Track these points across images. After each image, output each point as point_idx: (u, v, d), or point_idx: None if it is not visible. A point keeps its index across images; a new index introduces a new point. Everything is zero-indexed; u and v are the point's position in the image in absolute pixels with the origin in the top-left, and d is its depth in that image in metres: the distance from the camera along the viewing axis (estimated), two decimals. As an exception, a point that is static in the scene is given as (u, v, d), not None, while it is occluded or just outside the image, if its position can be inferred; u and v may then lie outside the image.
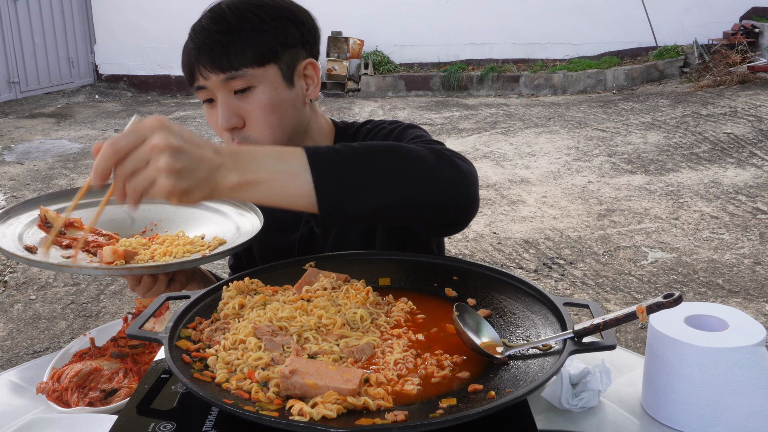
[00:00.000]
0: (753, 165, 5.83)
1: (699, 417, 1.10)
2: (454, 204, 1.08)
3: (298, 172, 0.95)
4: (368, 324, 1.07)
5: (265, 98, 1.32)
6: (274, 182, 0.95)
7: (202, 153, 0.91)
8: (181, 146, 0.89)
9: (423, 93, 9.72)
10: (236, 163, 0.93)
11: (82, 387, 1.23)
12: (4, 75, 9.56)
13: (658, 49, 9.53)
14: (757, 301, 3.66)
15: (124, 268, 1.26)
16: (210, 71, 1.30)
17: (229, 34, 1.29)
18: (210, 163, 0.92)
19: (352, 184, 0.97)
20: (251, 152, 0.96)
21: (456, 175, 1.06)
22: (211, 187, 0.93)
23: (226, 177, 0.93)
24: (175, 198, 0.90)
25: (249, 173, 0.94)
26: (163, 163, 0.88)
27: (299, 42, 1.37)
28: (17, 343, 3.63)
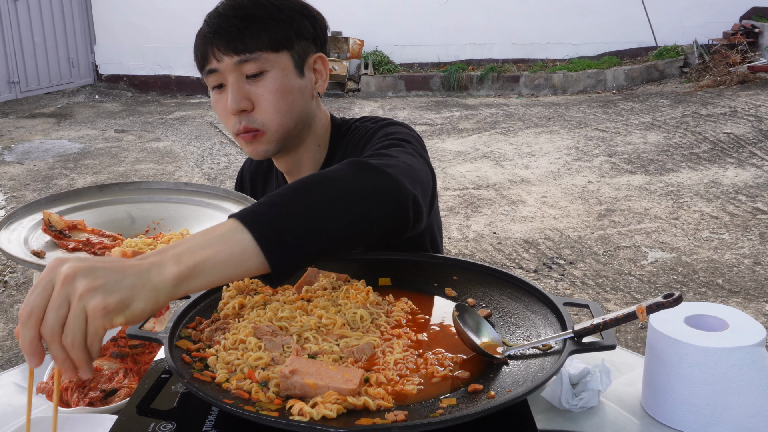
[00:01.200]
0: (753, 165, 5.83)
1: (699, 417, 1.10)
2: (391, 208, 1.03)
3: (235, 237, 0.88)
4: (368, 324, 1.07)
5: (277, 83, 1.35)
6: (216, 256, 0.86)
7: (121, 263, 0.82)
8: (93, 265, 0.80)
9: (423, 93, 9.72)
10: (166, 257, 0.85)
11: (82, 387, 1.23)
12: (4, 75, 9.56)
13: (658, 49, 9.53)
14: (757, 301, 3.66)
15: None
16: (224, 53, 1.33)
17: (246, 20, 1.33)
18: (135, 269, 0.82)
19: (291, 225, 0.92)
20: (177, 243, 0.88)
21: (379, 179, 1.01)
22: (151, 289, 0.82)
23: (162, 272, 0.83)
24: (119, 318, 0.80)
25: (185, 258, 0.85)
26: (82, 287, 0.77)
27: (311, 36, 1.41)
28: (17, 344, 3.63)
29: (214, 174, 6.44)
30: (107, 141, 7.85)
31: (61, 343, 0.78)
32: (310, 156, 1.51)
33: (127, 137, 8.03)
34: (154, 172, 6.56)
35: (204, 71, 1.39)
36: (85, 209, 1.52)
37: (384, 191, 1.02)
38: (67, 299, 0.78)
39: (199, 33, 1.38)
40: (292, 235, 0.91)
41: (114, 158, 7.11)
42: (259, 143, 1.40)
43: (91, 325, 0.78)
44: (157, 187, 1.62)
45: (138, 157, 7.12)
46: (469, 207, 5.26)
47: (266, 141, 1.40)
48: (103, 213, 1.51)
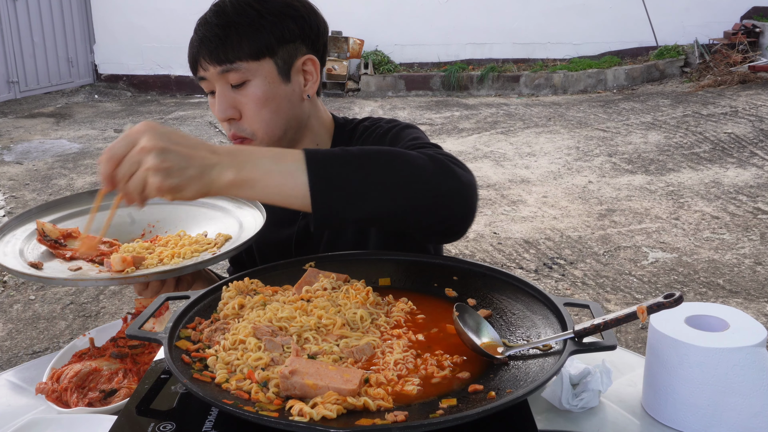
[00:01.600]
0: (754, 165, 5.83)
1: (699, 417, 1.09)
2: (451, 214, 1.07)
3: (294, 174, 0.97)
4: (368, 324, 1.07)
5: (259, 92, 1.35)
6: (269, 181, 0.97)
7: (193, 152, 0.95)
8: (168, 146, 0.93)
9: (423, 93, 9.71)
10: (233, 162, 0.96)
11: (82, 387, 1.22)
12: (4, 75, 9.56)
13: (658, 49, 9.52)
14: (758, 302, 3.66)
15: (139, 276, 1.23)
16: (209, 63, 1.34)
17: (228, 28, 1.32)
18: (202, 161, 0.95)
19: (348, 189, 0.98)
20: (249, 152, 0.99)
21: (454, 184, 1.05)
22: (205, 183, 0.96)
23: (221, 174, 0.96)
24: (168, 195, 0.95)
25: (245, 171, 0.96)
26: (151, 163, 0.93)
27: (298, 37, 1.38)
28: (17, 344, 3.63)
29: (214, 174, 6.44)
30: (107, 141, 7.86)
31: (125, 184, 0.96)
32: None
33: (127, 137, 8.03)
34: (154, 171, 6.56)
35: (196, 78, 1.40)
36: (78, 216, 1.49)
37: (459, 196, 1.06)
38: (138, 163, 0.94)
39: (190, 40, 1.38)
40: (345, 197, 0.97)
41: (114, 158, 7.11)
42: None
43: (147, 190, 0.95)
44: None
45: (138, 157, 7.12)
46: (469, 207, 5.26)
47: None
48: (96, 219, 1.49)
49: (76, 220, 1.48)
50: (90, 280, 1.24)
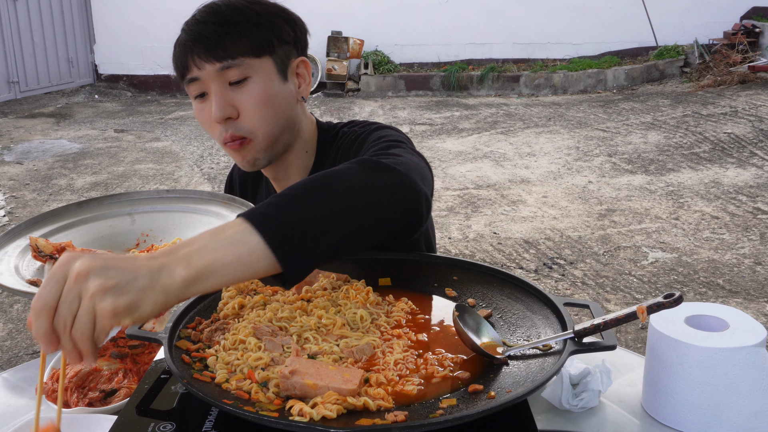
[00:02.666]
0: (753, 165, 5.83)
1: (699, 417, 1.09)
2: (405, 207, 1.02)
3: (244, 239, 0.87)
4: (368, 324, 1.07)
5: (261, 89, 1.32)
6: (224, 259, 0.85)
7: (133, 263, 0.82)
8: (104, 263, 0.80)
9: (423, 93, 9.71)
10: (176, 259, 0.84)
11: (82, 387, 1.23)
12: (4, 75, 9.56)
13: (658, 49, 9.52)
14: (758, 301, 3.66)
15: None
16: (205, 61, 1.29)
17: (226, 26, 1.30)
18: (146, 269, 0.82)
19: (304, 225, 0.90)
20: (186, 243, 0.87)
21: (392, 177, 1.01)
22: (161, 291, 0.82)
23: (172, 275, 0.83)
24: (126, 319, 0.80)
25: (195, 261, 0.84)
26: (94, 286, 0.79)
27: (292, 40, 1.38)
28: (17, 344, 3.63)
29: (214, 174, 6.44)
30: (107, 141, 7.85)
31: (70, 334, 0.80)
32: (299, 162, 1.48)
33: (127, 137, 8.03)
34: (153, 172, 6.56)
35: (185, 80, 1.34)
36: (68, 229, 1.45)
37: (397, 189, 1.00)
38: (79, 296, 0.79)
39: (177, 41, 1.34)
40: (303, 236, 0.89)
41: (113, 158, 7.11)
42: (248, 151, 1.37)
43: (99, 323, 0.80)
44: (137, 197, 1.54)
45: (137, 157, 7.12)
46: (469, 207, 5.26)
47: (254, 149, 1.37)
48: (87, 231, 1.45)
49: (68, 233, 1.44)
50: None
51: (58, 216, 1.47)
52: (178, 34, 1.35)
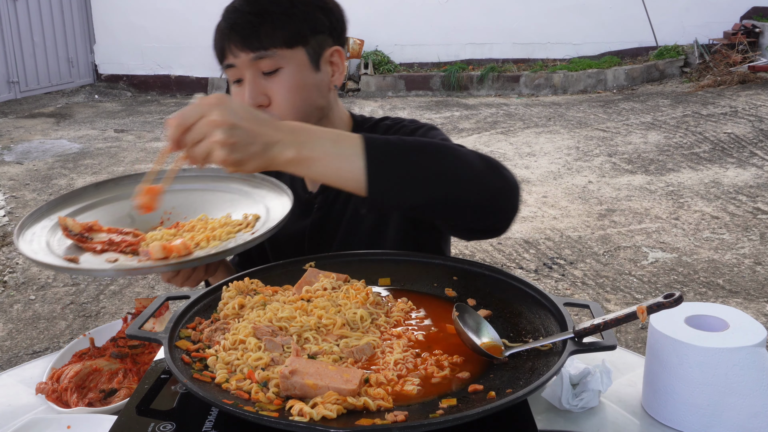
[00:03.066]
0: (753, 165, 5.83)
1: (699, 417, 1.09)
2: (497, 212, 1.10)
3: (351, 158, 1.00)
4: (368, 324, 1.07)
5: (292, 79, 1.36)
6: (327, 163, 1.01)
7: (259, 129, 0.98)
8: (236, 123, 0.97)
9: (423, 93, 9.71)
10: (294, 140, 1.00)
11: (82, 387, 1.23)
12: (4, 75, 9.56)
13: (658, 49, 9.52)
14: (758, 302, 3.66)
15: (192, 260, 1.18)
16: (240, 50, 1.34)
17: (261, 16, 1.33)
18: (266, 138, 0.99)
19: (402, 177, 1.02)
20: (310, 131, 1.02)
21: (502, 183, 1.09)
22: (266, 159, 0.99)
23: (282, 152, 0.99)
24: (230, 167, 0.99)
25: (305, 151, 1.00)
26: (218, 137, 0.96)
27: (327, 29, 1.41)
28: (17, 344, 3.63)
29: (214, 174, 6.44)
30: (107, 141, 7.85)
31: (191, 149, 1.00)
32: None
33: (127, 137, 8.03)
34: (154, 171, 6.55)
35: (222, 65, 1.40)
36: (89, 210, 1.46)
37: (505, 196, 1.09)
38: (205, 135, 0.97)
39: (216, 27, 1.39)
40: (398, 187, 1.01)
41: (113, 158, 7.11)
42: None
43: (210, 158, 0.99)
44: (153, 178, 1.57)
45: (137, 157, 7.12)
46: (469, 207, 5.25)
47: None
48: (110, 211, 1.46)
49: (92, 212, 1.45)
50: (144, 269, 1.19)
51: (78, 197, 1.49)
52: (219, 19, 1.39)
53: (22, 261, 4.66)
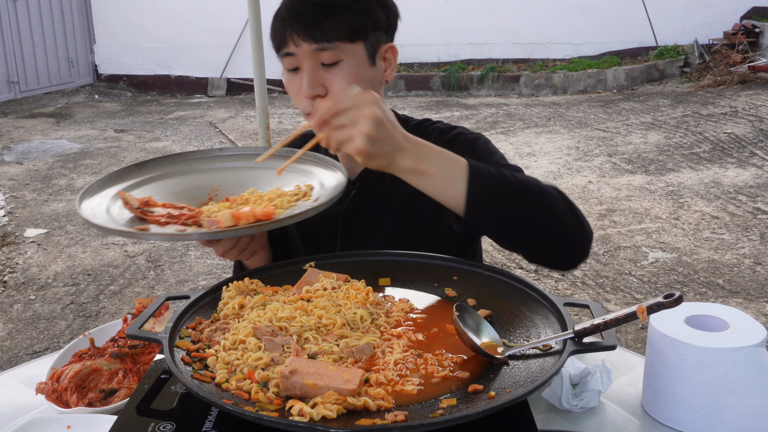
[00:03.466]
0: (753, 165, 5.83)
1: (699, 417, 1.09)
2: (571, 254, 1.23)
3: (457, 180, 1.12)
4: (368, 324, 1.07)
5: (350, 72, 1.38)
6: (437, 179, 1.13)
7: (395, 133, 1.10)
8: (384, 122, 1.07)
9: (423, 93, 9.71)
10: (416, 153, 1.12)
11: (82, 387, 1.22)
12: (4, 75, 9.56)
13: (658, 49, 9.52)
14: (758, 302, 3.66)
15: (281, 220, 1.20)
16: (303, 40, 1.36)
17: (326, 8, 1.35)
18: (396, 144, 1.10)
19: (496, 210, 1.14)
20: (429, 148, 1.14)
21: (581, 234, 1.22)
22: (389, 161, 1.10)
23: (404, 159, 1.11)
24: (359, 156, 1.09)
25: (422, 164, 1.12)
26: (366, 129, 1.06)
27: (384, 26, 1.44)
28: (17, 344, 3.63)
29: (214, 174, 6.44)
30: (107, 141, 7.85)
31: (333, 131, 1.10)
32: None
33: (127, 137, 8.03)
34: (154, 171, 6.56)
35: (280, 53, 1.42)
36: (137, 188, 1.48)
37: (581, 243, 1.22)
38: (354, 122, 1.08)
39: (277, 14, 1.40)
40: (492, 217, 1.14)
41: (113, 158, 7.11)
42: None
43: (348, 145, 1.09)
44: (192, 157, 1.59)
45: (137, 157, 7.12)
46: (469, 207, 5.25)
47: None
48: (158, 188, 1.49)
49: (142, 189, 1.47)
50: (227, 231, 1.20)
51: (121, 177, 1.50)
52: (278, 7, 1.40)
53: (21, 261, 4.66)
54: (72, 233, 5.12)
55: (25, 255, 4.77)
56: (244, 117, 8.79)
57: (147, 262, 4.59)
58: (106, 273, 4.44)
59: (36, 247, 4.90)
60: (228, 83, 10.40)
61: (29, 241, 5.03)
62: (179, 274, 4.40)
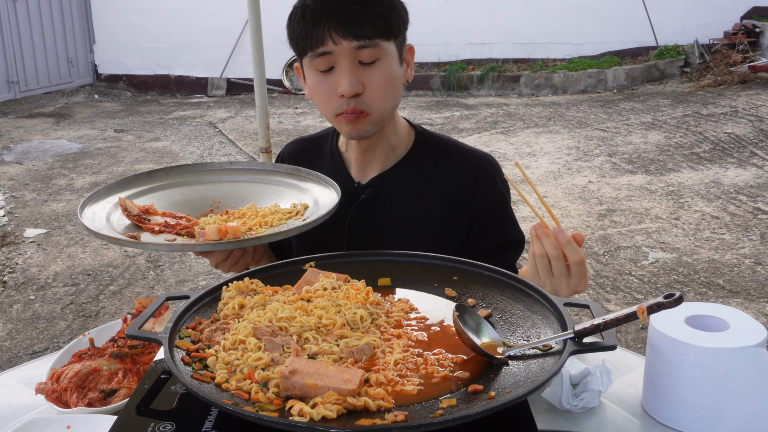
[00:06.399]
0: (754, 165, 5.83)
1: (700, 417, 1.09)
2: None
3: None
4: (368, 324, 1.07)
5: (388, 70, 1.40)
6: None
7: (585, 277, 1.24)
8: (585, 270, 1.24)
9: (423, 93, 9.71)
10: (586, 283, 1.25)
11: (82, 387, 1.22)
12: (4, 75, 9.56)
13: (658, 49, 9.52)
14: (758, 302, 3.66)
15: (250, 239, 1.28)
16: (342, 37, 1.34)
17: (366, 6, 1.35)
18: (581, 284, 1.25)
19: None
20: None
21: None
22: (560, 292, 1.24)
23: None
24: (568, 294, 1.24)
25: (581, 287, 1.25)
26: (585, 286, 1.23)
27: (406, 26, 1.46)
28: (16, 344, 3.63)
29: (214, 174, 6.44)
30: (106, 141, 7.85)
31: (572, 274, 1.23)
32: (386, 141, 1.55)
33: (127, 137, 8.03)
34: (154, 171, 6.55)
35: (313, 53, 1.38)
36: (143, 195, 1.54)
37: None
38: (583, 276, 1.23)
39: (305, 14, 1.37)
40: None
41: (113, 158, 7.11)
42: (362, 124, 1.44)
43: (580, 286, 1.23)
44: (202, 169, 1.65)
45: (137, 157, 7.12)
46: (469, 207, 5.25)
47: (369, 122, 1.44)
48: (162, 197, 1.54)
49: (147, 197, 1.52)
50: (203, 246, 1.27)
51: (131, 183, 1.57)
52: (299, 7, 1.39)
53: (21, 261, 4.66)
54: (72, 233, 5.12)
55: (24, 255, 4.77)
56: (244, 117, 8.79)
57: (147, 262, 4.59)
58: (106, 273, 4.44)
59: (36, 247, 4.90)
60: (228, 83, 10.40)
61: (29, 241, 5.03)
62: (179, 274, 4.40)
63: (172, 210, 1.50)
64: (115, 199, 1.48)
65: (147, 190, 1.55)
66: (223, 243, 1.28)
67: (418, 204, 1.53)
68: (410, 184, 1.53)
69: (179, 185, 1.60)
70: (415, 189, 1.53)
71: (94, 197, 1.49)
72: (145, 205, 1.45)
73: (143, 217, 1.41)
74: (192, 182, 1.61)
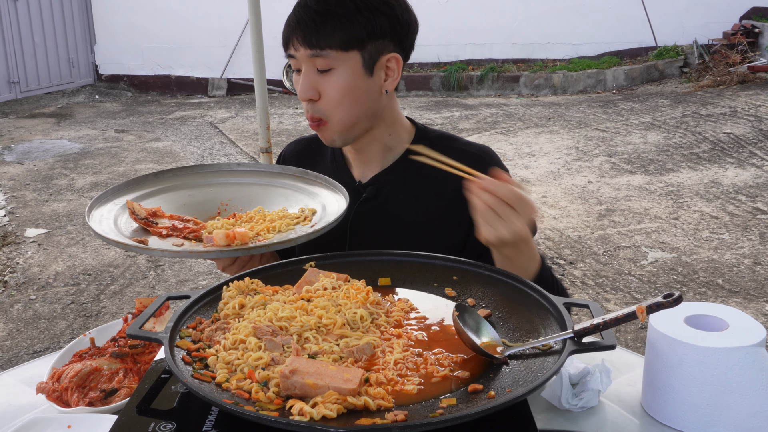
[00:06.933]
0: (753, 165, 5.83)
1: (699, 417, 1.10)
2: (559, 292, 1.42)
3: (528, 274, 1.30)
4: (368, 324, 1.07)
5: (342, 81, 1.41)
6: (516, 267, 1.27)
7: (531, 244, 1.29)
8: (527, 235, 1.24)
9: (423, 93, 9.71)
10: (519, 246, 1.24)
11: (82, 387, 1.23)
12: (4, 75, 9.56)
13: (657, 49, 9.52)
14: (757, 301, 3.66)
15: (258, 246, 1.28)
16: (300, 45, 1.40)
17: (324, 16, 1.38)
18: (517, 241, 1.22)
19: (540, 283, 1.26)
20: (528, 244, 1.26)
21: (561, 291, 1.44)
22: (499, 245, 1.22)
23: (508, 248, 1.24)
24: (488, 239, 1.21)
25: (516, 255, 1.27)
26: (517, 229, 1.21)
27: (388, 34, 1.45)
28: (17, 343, 3.63)
29: (214, 174, 6.44)
30: (107, 141, 7.85)
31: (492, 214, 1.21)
32: (381, 142, 1.56)
33: (127, 137, 8.03)
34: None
35: (286, 54, 1.47)
36: (154, 196, 1.53)
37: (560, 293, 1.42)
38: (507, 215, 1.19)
39: (287, 18, 1.45)
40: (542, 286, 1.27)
41: (114, 158, 7.11)
42: (325, 132, 1.48)
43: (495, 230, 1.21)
44: (210, 170, 1.64)
45: (138, 157, 7.12)
46: (469, 207, 5.25)
47: (331, 131, 1.47)
48: (170, 199, 1.54)
49: (154, 199, 1.52)
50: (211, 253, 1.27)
51: (139, 185, 1.56)
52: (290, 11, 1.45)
53: (22, 261, 4.67)
54: (72, 233, 5.13)
55: (25, 255, 4.78)
56: (245, 117, 8.79)
57: (147, 262, 4.59)
58: (107, 273, 4.45)
59: (36, 247, 4.90)
60: (228, 83, 10.40)
61: (30, 241, 5.03)
62: (180, 273, 4.40)
63: (180, 212, 1.49)
64: (122, 201, 1.48)
65: (154, 191, 1.55)
66: (230, 250, 1.28)
67: (421, 200, 1.53)
68: (412, 181, 1.54)
69: (187, 187, 1.59)
70: (416, 186, 1.54)
71: (101, 199, 1.48)
72: (152, 208, 1.45)
73: (151, 221, 1.42)
74: (200, 184, 1.61)
